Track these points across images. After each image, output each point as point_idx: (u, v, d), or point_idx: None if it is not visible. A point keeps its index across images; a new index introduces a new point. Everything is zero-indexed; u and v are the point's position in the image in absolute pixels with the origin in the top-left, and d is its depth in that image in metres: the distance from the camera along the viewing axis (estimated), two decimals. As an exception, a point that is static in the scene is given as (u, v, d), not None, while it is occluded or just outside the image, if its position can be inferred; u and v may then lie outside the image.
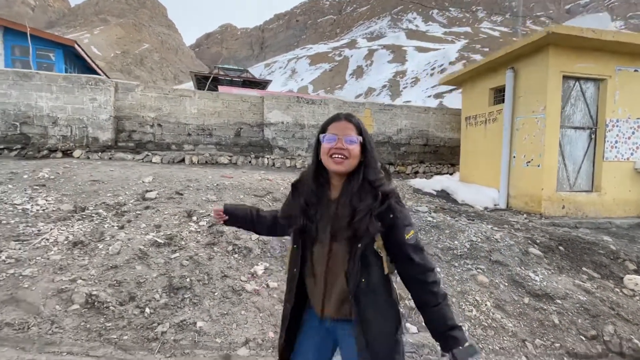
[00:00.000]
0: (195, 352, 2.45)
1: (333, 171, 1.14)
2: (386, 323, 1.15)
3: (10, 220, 3.68)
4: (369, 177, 1.11)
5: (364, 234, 1.08)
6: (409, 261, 1.12)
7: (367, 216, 1.07)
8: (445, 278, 3.26)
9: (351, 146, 1.11)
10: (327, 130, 1.16)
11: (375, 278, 1.13)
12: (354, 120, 1.17)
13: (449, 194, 6.06)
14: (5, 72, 5.81)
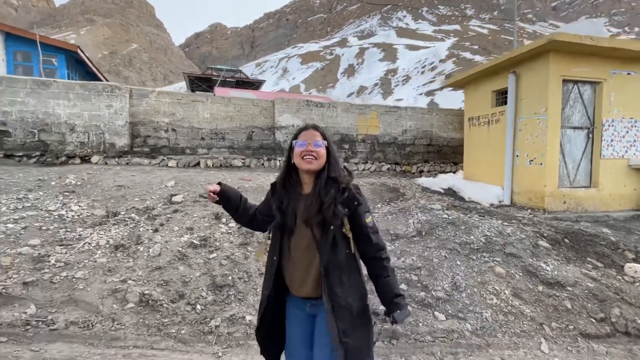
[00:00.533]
0: (248, 343, 2.68)
1: (305, 170, 1.37)
2: (350, 295, 1.33)
3: (49, 226, 3.84)
4: (332, 174, 1.37)
5: (331, 218, 1.31)
6: (368, 240, 1.38)
7: (332, 204, 1.31)
8: (465, 270, 3.55)
9: (318, 148, 1.37)
10: (298, 137, 1.42)
11: (341, 256, 1.34)
12: (320, 129, 1.45)
13: (455, 191, 6.37)
14: (23, 80, 5.90)
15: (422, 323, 2.97)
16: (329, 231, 1.31)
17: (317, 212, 1.32)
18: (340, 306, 1.31)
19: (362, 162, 7.58)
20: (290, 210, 1.39)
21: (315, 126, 1.45)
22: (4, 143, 5.86)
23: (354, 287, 1.36)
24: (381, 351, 2.71)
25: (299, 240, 1.38)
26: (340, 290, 1.32)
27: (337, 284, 1.32)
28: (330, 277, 1.32)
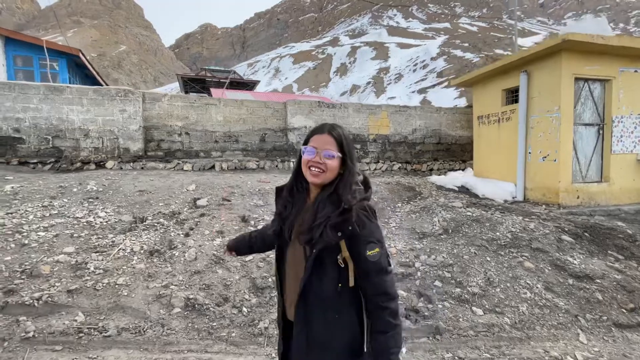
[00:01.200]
0: (299, 343, 2.73)
1: (310, 182, 1.18)
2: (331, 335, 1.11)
3: (80, 233, 3.83)
4: (339, 191, 1.12)
5: (317, 240, 1.08)
6: (366, 278, 1.10)
7: (322, 224, 1.08)
8: (496, 266, 3.66)
9: (329, 161, 1.12)
10: (309, 141, 1.18)
11: (327, 286, 1.10)
12: (336, 134, 1.16)
13: (468, 189, 6.49)
14: (36, 86, 5.83)
15: (462, 318, 3.06)
16: (312, 253, 1.09)
17: (307, 229, 1.12)
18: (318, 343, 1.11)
19: (374, 161, 7.66)
20: (290, 220, 1.22)
21: (332, 129, 1.17)
22: (17, 150, 5.79)
23: (343, 326, 1.12)
24: (427, 347, 2.79)
25: (292, 254, 1.21)
26: (322, 325, 1.11)
27: (319, 317, 1.11)
28: (310, 307, 1.12)
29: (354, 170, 1.17)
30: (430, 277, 3.59)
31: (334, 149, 1.13)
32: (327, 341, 1.11)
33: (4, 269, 3.16)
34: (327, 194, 1.14)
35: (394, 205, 5.31)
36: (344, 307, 1.12)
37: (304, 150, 1.17)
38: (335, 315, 1.11)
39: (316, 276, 1.10)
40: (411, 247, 4.11)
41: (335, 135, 1.15)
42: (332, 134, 1.16)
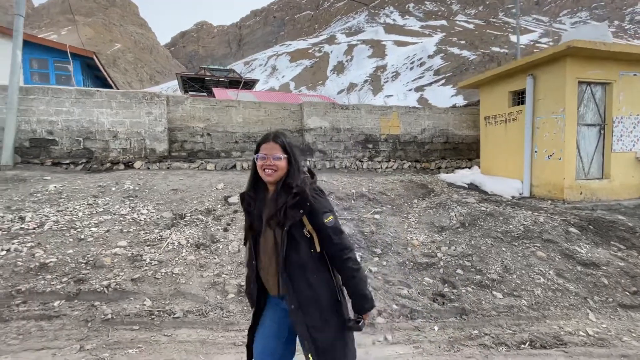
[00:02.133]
0: (344, 323, 3.08)
1: (266, 181, 1.46)
2: (318, 291, 1.38)
3: (129, 229, 4.15)
4: (288, 180, 1.42)
5: (284, 220, 1.36)
6: (329, 240, 1.40)
7: (282, 207, 1.38)
8: (511, 255, 4.03)
9: (277, 162, 1.42)
10: (259, 150, 1.47)
11: (303, 255, 1.39)
12: (280, 141, 1.46)
13: (477, 186, 6.87)
14: (68, 90, 6.10)
15: (484, 301, 3.43)
16: (283, 232, 1.37)
17: (273, 214, 1.40)
18: (308, 303, 1.37)
19: (385, 160, 8.02)
20: (256, 213, 1.48)
21: (275, 137, 1.47)
22: (51, 151, 6.07)
23: (322, 283, 1.40)
24: (456, 325, 3.15)
25: (265, 242, 1.46)
26: (306, 288, 1.38)
27: (303, 281, 1.38)
28: (294, 275, 1.38)
29: (298, 166, 1.47)
30: (452, 265, 3.95)
31: (280, 152, 1.44)
32: (313, 299, 1.38)
33: (69, 261, 3.48)
34: (282, 185, 1.43)
35: (411, 202, 5.68)
36: (318, 269, 1.41)
37: (256, 157, 1.47)
38: (314, 275, 1.40)
39: (292, 248, 1.39)
40: (432, 239, 4.47)
41: (279, 142, 1.46)
42: (277, 141, 1.46)
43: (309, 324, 1.36)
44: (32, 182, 5.22)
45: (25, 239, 3.76)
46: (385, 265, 4.01)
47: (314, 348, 1.36)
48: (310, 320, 1.37)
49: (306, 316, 1.37)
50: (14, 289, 3.10)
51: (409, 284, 3.68)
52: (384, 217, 5.00)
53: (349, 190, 5.74)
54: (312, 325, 1.36)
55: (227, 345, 2.72)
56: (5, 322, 2.81)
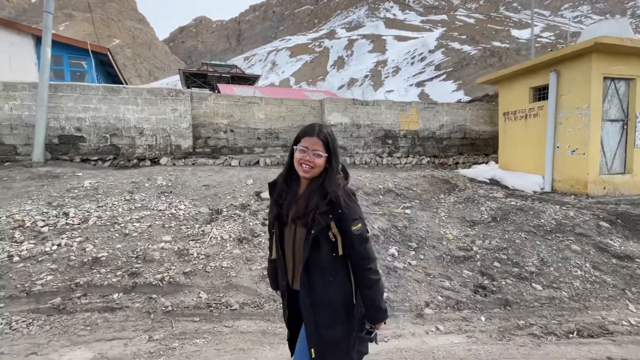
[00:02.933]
0: (394, 314, 3.18)
1: (301, 176, 1.43)
2: (332, 293, 1.38)
3: (170, 224, 4.22)
4: (325, 184, 1.38)
5: (312, 224, 1.35)
6: (353, 248, 1.38)
7: (312, 211, 1.35)
8: (546, 248, 4.12)
9: (317, 159, 1.38)
10: (300, 141, 1.41)
11: (325, 257, 1.38)
12: (323, 136, 1.40)
13: (497, 181, 6.95)
14: (95, 87, 6.14)
15: (525, 292, 3.53)
16: (310, 234, 1.36)
17: (302, 215, 1.38)
18: (320, 302, 1.38)
19: (404, 155, 8.09)
20: (286, 205, 1.45)
21: (320, 131, 1.41)
22: (79, 148, 6.12)
23: (338, 286, 1.40)
24: (501, 315, 3.25)
25: (288, 234, 1.46)
26: (322, 288, 1.38)
27: (319, 282, 1.38)
28: (312, 275, 1.38)
29: (337, 166, 1.44)
30: (489, 259, 4.05)
31: (321, 149, 1.39)
32: (327, 300, 1.38)
33: (120, 255, 3.56)
34: (316, 186, 1.39)
35: (437, 197, 5.76)
36: (337, 271, 1.41)
37: (296, 149, 1.42)
38: (331, 278, 1.40)
39: (314, 250, 1.38)
40: (465, 233, 4.56)
41: (322, 138, 1.40)
42: (320, 136, 1.40)
43: (318, 322, 1.38)
44: (65, 179, 5.28)
45: (72, 234, 3.84)
46: (423, 258, 4.10)
47: (319, 343, 1.38)
48: (319, 318, 1.38)
49: (317, 314, 1.38)
50: (73, 283, 3.18)
51: (449, 277, 3.78)
52: (414, 212, 5.09)
53: (376, 186, 5.81)
54: (321, 323, 1.38)
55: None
56: (71, 314, 2.90)
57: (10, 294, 3.03)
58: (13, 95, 5.73)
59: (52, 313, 2.90)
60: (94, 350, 2.51)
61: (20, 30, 9.44)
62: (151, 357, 2.47)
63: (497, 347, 2.75)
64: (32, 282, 3.15)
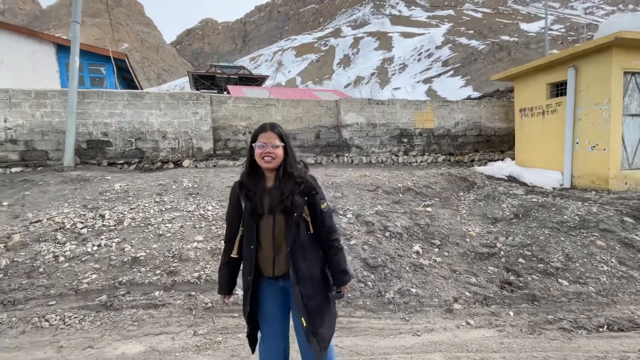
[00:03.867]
0: (424, 310, 3.27)
1: (265, 168, 1.60)
2: (312, 268, 1.61)
3: (200, 224, 4.38)
4: (289, 170, 1.60)
5: (293, 207, 1.55)
6: (323, 223, 1.65)
7: (290, 195, 1.55)
8: (570, 244, 4.16)
9: (275, 150, 1.57)
10: (257, 139, 1.59)
11: (303, 237, 1.60)
12: (276, 130, 1.60)
13: (515, 177, 6.95)
14: (121, 93, 6.35)
15: (552, 288, 3.58)
16: (292, 217, 1.55)
17: (279, 202, 1.55)
18: (304, 278, 1.58)
19: (420, 154, 8.13)
20: (257, 199, 1.58)
21: (272, 127, 1.60)
22: (106, 152, 6.34)
23: (314, 261, 1.63)
24: (529, 310, 3.31)
25: (265, 227, 1.58)
26: (304, 265, 1.58)
27: (301, 259, 1.58)
28: (295, 255, 1.57)
29: (293, 154, 1.66)
30: (513, 255, 4.10)
31: (277, 140, 1.59)
32: (309, 273, 1.60)
33: (157, 255, 3.72)
34: (281, 175, 1.59)
35: (457, 195, 5.81)
36: (312, 247, 1.64)
37: (255, 146, 1.60)
38: (310, 254, 1.63)
39: (296, 231, 1.59)
40: (488, 230, 4.62)
41: (276, 132, 1.61)
42: (274, 130, 1.61)
43: (303, 293, 1.56)
44: (96, 182, 5.49)
45: (110, 234, 4.02)
46: (447, 255, 4.18)
47: (306, 312, 1.57)
48: (304, 290, 1.57)
49: (302, 288, 1.56)
50: (116, 281, 3.35)
51: (475, 273, 3.85)
52: (435, 210, 5.15)
53: (395, 185, 5.89)
54: (306, 294, 1.57)
55: (324, 330, 2.93)
56: (118, 311, 3.06)
57: (60, 292, 3.22)
58: (44, 102, 5.97)
59: (101, 310, 3.07)
60: (145, 344, 2.67)
61: (41, 38, 9.76)
62: (198, 350, 2.62)
63: (529, 341, 2.82)
64: (79, 281, 3.33)
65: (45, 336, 2.75)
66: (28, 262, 3.53)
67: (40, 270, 3.44)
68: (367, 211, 4.94)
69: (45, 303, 3.10)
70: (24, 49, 9.21)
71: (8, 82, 7.46)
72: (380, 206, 5.14)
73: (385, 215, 4.85)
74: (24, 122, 5.87)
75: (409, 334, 2.90)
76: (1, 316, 2.94)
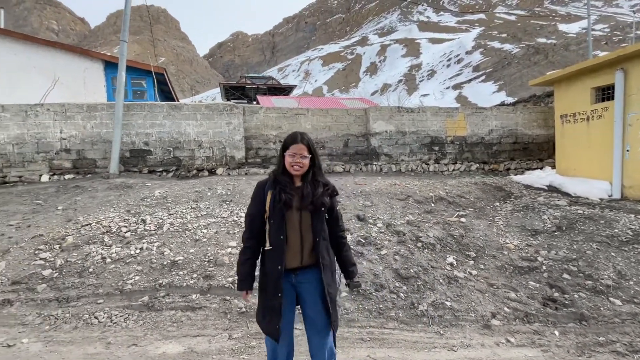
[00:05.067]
0: (460, 324, 3.15)
1: (293, 174, 1.81)
2: (331, 259, 1.88)
3: (234, 230, 4.52)
4: (318, 177, 1.84)
5: (322, 206, 1.78)
6: (337, 222, 1.93)
7: (321, 196, 1.78)
8: (622, 260, 3.84)
9: (304, 161, 1.78)
10: (289, 148, 1.79)
11: (324, 232, 1.84)
12: (306, 142, 1.80)
13: (557, 187, 6.56)
14: (161, 105, 6.76)
15: (602, 307, 3.32)
16: (321, 213, 1.80)
17: (310, 202, 1.75)
18: (326, 267, 1.81)
19: (452, 162, 7.91)
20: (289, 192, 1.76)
21: (302, 138, 1.80)
22: (147, 161, 6.74)
23: (330, 252, 1.89)
24: (577, 331, 3.09)
25: (294, 220, 1.77)
26: (326, 256, 1.83)
27: (325, 251, 1.82)
28: (320, 247, 1.79)
29: (319, 163, 1.88)
30: (557, 270, 3.86)
31: (306, 152, 1.79)
32: (329, 263, 1.84)
33: (194, 259, 3.89)
34: (308, 179, 1.82)
35: (493, 205, 5.58)
36: (328, 241, 1.88)
37: (286, 155, 1.80)
38: (328, 247, 1.87)
39: (322, 227, 1.82)
40: (527, 243, 4.38)
41: (306, 143, 1.80)
42: (304, 142, 1.80)
43: (326, 282, 1.79)
44: (137, 188, 5.85)
45: (151, 239, 4.25)
46: (483, 268, 4.01)
47: (330, 300, 1.79)
48: (327, 279, 1.80)
49: (326, 277, 1.79)
50: (157, 283, 3.54)
51: (514, 288, 3.66)
52: (469, 221, 4.98)
53: (427, 194, 5.76)
54: (328, 283, 1.80)
55: (356, 341, 2.90)
56: (158, 312, 3.22)
57: (107, 292, 3.44)
58: (94, 115, 6.48)
59: (143, 310, 3.24)
60: (184, 344, 2.78)
61: (92, 56, 10.64)
62: (234, 353, 2.69)
63: (577, 364, 2.63)
64: (124, 282, 3.55)
65: (95, 332, 2.94)
66: (79, 263, 3.81)
67: (90, 271, 3.71)
68: (398, 220, 4.87)
69: (95, 301, 3.33)
70: (77, 66, 10.09)
71: (62, 97, 8.20)
72: (411, 216, 5.05)
73: (417, 225, 4.75)
74: (76, 133, 6.41)
75: (444, 349, 2.81)
76: (56, 312, 3.19)
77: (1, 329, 2.97)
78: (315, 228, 1.78)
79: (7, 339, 2.82)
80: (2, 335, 2.88)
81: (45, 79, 9.15)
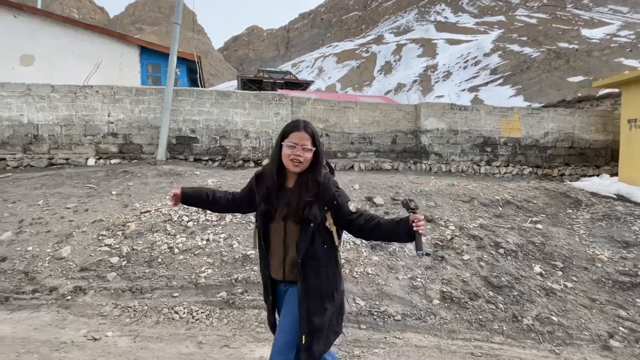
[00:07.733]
0: (575, 343, 2.84)
1: (291, 171, 1.44)
2: (323, 283, 1.45)
3: (299, 226, 4.26)
4: (316, 177, 1.43)
5: (312, 219, 1.39)
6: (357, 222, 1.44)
7: (309, 206, 1.38)
8: None
9: (306, 154, 1.40)
10: (288, 136, 1.42)
11: (318, 249, 1.42)
12: (310, 131, 1.43)
13: (625, 196, 6.14)
14: (209, 92, 6.55)
15: None
16: (309, 228, 1.39)
17: (295, 211, 1.40)
18: (312, 291, 1.43)
19: (504, 165, 7.54)
20: (274, 201, 1.45)
21: (306, 127, 1.44)
22: (193, 148, 6.54)
23: (329, 276, 1.47)
24: None
25: (278, 231, 1.46)
26: (315, 279, 1.43)
27: (313, 273, 1.43)
28: (307, 267, 1.42)
29: (322, 159, 1.48)
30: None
31: (310, 143, 1.42)
32: (319, 289, 1.44)
33: (266, 254, 3.64)
34: (304, 180, 1.43)
35: (565, 212, 5.22)
36: (330, 261, 1.47)
37: (284, 144, 1.42)
38: (324, 268, 1.45)
39: (310, 243, 1.41)
40: (621, 255, 4.03)
41: (310, 132, 1.43)
42: (307, 131, 1.43)
43: (310, 309, 1.41)
44: (187, 176, 5.64)
45: (215, 230, 4.02)
46: (577, 280, 3.68)
47: (309, 329, 1.41)
48: (311, 306, 1.42)
49: (309, 303, 1.42)
50: (232, 278, 3.30)
51: (621, 305, 3.32)
52: (546, 227, 4.63)
53: (492, 197, 5.43)
54: (312, 310, 1.41)
55: (466, 355, 2.62)
56: (240, 310, 2.99)
57: (181, 284, 3.22)
58: (142, 99, 6.29)
59: (223, 306, 3.01)
60: (280, 349, 2.53)
61: (129, 42, 10.50)
62: (338, 362, 2.42)
63: None
64: (197, 275, 3.32)
65: (179, 329, 2.72)
66: (146, 252, 3.60)
67: (159, 261, 3.49)
68: (469, 224, 4.56)
69: (170, 294, 3.11)
70: (114, 51, 9.95)
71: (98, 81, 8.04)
72: (481, 219, 4.73)
73: (491, 230, 4.43)
74: (124, 117, 6.23)
75: (569, 371, 2.50)
76: (133, 303, 2.98)
77: (80, 319, 2.77)
78: (300, 245, 1.41)
79: (89, 330, 2.61)
80: (82, 327, 2.67)
81: (84, 62, 9.02)
